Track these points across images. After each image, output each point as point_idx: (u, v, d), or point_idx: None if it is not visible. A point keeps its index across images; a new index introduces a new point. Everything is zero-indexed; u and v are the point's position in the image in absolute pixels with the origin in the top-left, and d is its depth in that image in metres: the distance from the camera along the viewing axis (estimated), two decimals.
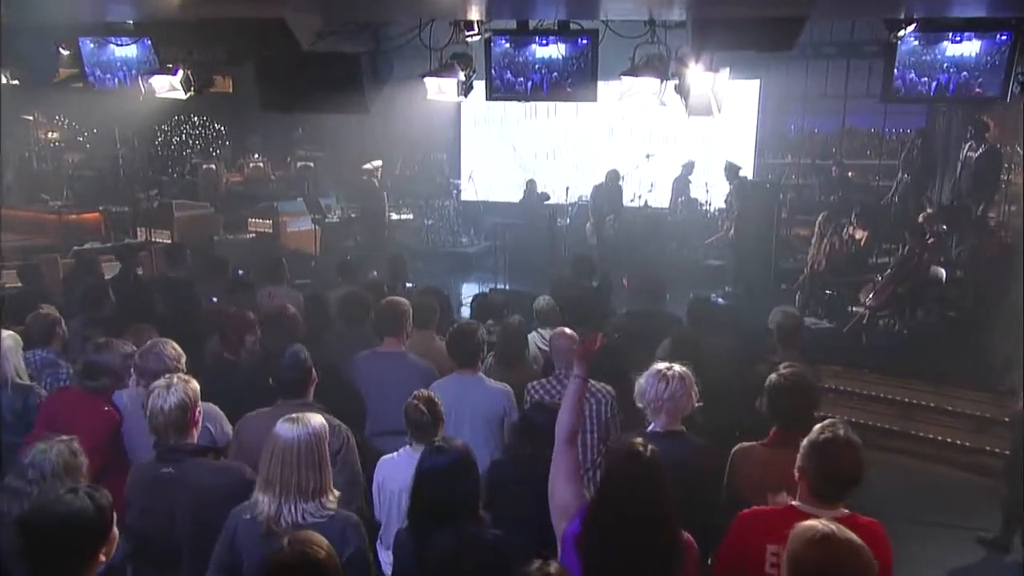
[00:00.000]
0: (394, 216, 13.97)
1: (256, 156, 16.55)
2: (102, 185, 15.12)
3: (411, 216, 15.25)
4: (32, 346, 5.35)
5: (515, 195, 16.03)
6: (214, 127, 17.48)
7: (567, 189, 15.04)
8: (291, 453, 3.11)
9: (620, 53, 6.74)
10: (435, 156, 17.33)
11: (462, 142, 17.05)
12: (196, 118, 17.30)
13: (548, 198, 15.07)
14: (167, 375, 3.69)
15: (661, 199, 15.07)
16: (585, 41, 6.32)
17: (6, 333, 4.78)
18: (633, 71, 6.42)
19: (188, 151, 17.21)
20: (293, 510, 3.09)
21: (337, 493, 3.22)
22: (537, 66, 6.50)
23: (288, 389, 4.21)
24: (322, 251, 13.47)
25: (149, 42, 7.04)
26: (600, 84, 6.64)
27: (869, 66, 14.59)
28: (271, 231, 13.44)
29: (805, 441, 3.19)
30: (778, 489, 3.38)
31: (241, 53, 6.80)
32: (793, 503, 3.19)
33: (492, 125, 16.53)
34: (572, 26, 6.50)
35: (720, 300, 11.99)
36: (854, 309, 10.65)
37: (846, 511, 3.11)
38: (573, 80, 6.39)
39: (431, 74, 6.78)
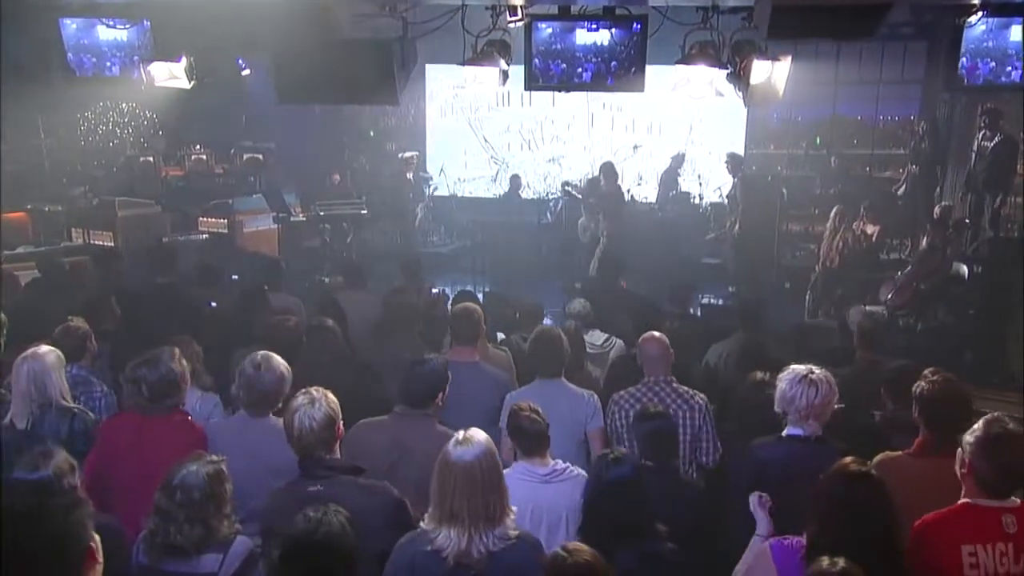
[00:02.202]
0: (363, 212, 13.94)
1: (198, 148, 16.33)
2: (26, 180, 14.72)
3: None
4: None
5: (485, 189, 16.23)
6: (145, 114, 17.14)
7: (563, 185, 15.23)
8: (474, 479, 3.20)
9: (658, 39, 6.96)
10: (389, 146, 17.48)
11: (427, 133, 17.12)
12: (124, 104, 16.96)
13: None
14: (305, 389, 3.77)
15: (647, 193, 15.43)
16: (638, 27, 6.51)
17: (46, 348, 4.76)
18: (687, 59, 6.65)
19: (115, 141, 16.87)
20: (485, 538, 3.18)
21: (515, 509, 3.34)
22: (581, 53, 6.68)
23: (415, 399, 4.33)
24: (284, 253, 13.41)
25: (148, 24, 6.99)
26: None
27: (860, 52, 15.23)
28: (226, 231, 13.25)
29: (971, 437, 3.41)
30: (930, 502, 3.58)
31: (258, 38, 6.79)
32: (966, 500, 3.42)
33: (461, 114, 16.66)
34: (618, 11, 6.70)
35: (719, 301, 12.35)
36: (868, 308, 11.08)
37: (1017, 500, 3.38)
38: (622, 68, 6.57)
39: (469, 62, 6.90)
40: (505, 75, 7.12)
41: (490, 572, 3.19)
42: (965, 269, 10.55)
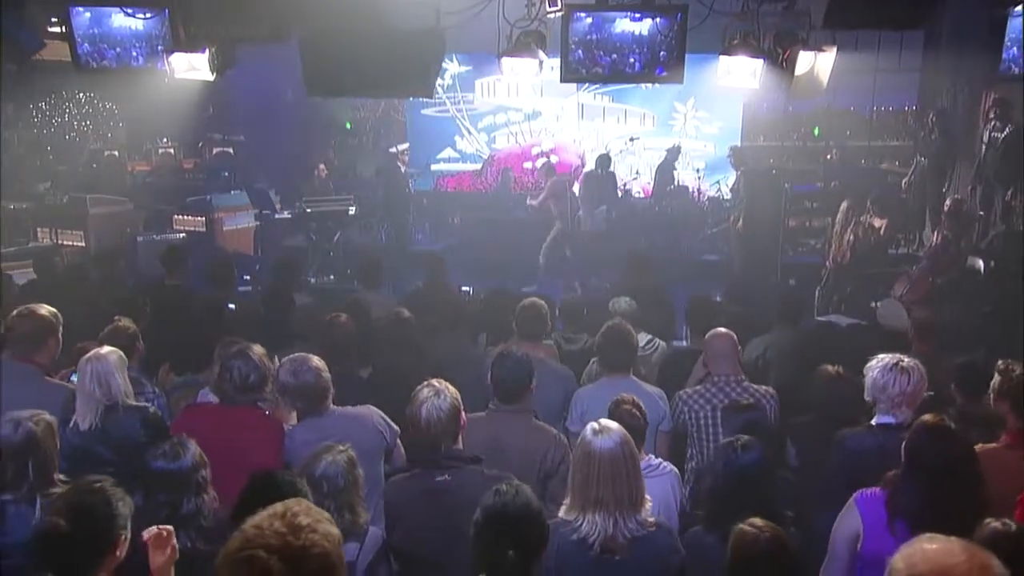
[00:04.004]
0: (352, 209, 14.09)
1: (164, 141, 16.34)
2: None
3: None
4: None
5: (471, 184, 16.44)
6: (104, 105, 17.09)
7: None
8: (618, 466, 3.47)
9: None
10: (366, 139, 17.63)
11: (408, 125, 17.30)
12: (81, 94, 16.89)
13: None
14: (428, 382, 4.02)
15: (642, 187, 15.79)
16: (679, 17, 6.77)
17: (108, 349, 4.90)
18: (729, 50, 6.95)
19: (73, 134, 16.80)
20: (629, 524, 3.47)
21: (650, 499, 3.59)
22: (620, 44, 6.91)
23: (509, 394, 4.55)
24: (262, 252, 13.49)
25: (168, 13, 7.09)
26: None
27: (856, 40, 15.65)
28: (204, 229, 13.27)
29: None
30: None
31: (287, 28, 6.95)
32: None
33: (443, 106, 16.81)
34: (657, 1, 6.96)
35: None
36: (878, 304, 11.46)
37: None
38: (670, 58, 6.82)
39: (508, 54, 7.12)
40: (541, 66, 7.34)
41: (633, 558, 3.47)
42: (980, 263, 10.93)
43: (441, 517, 3.75)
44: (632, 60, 6.68)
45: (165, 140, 16.43)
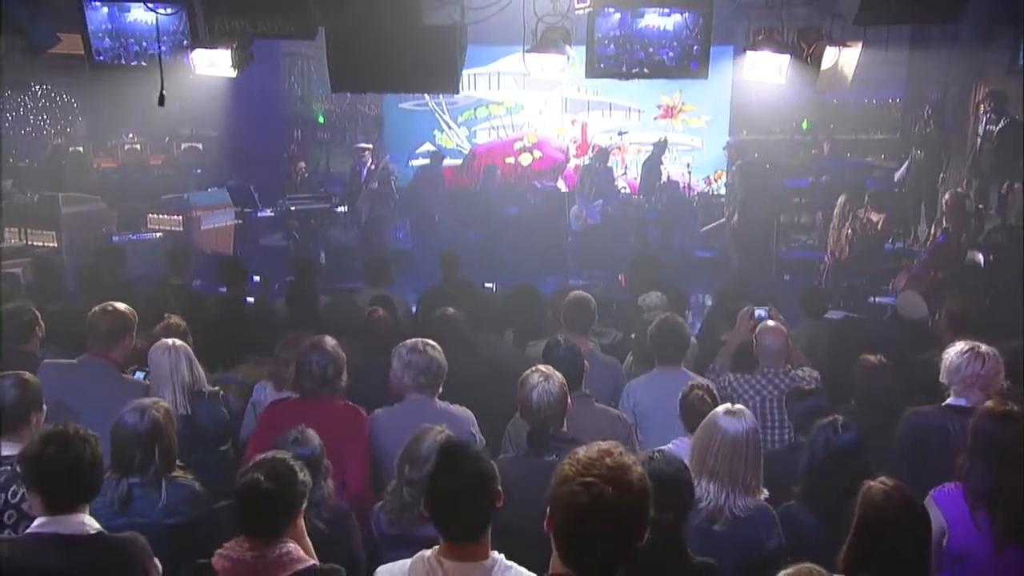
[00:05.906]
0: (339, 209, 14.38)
1: (131, 136, 16.45)
2: None
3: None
4: None
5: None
6: (62, 97, 17.12)
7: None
8: (739, 450, 3.90)
9: None
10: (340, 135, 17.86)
11: (384, 119, 17.59)
12: (37, 87, 16.89)
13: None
14: (536, 367, 4.44)
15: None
16: (706, 12, 7.17)
17: (180, 342, 5.22)
18: (755, 46, 7.39)
19: (28, 128, 16.82)
20: (736, 502, 3.89)
21: (766, 491, 4.02)
22: (649, 39, 7.30)
23: (569, 382, 4.84)
24: (243, 251, 13.70)
25: (191, 7, 7.33)
26: None
27: (842, 30, 16.17)
28: (181, 228, 13.51)
29: None
30: None
31: (313, 23, 7.24)
32: None
33: (422, 99, 17.07)
34: None
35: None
36: (877, 300, 12.00)
37: None
38: (695, 53, 7.21)
39: (533, 50, 7.48)
40: (569, 61, 7.71)
41: (729, 533, 3.89)
42: (981, 257, 11.45)
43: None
44: (671, 54, 7.05)
45: (131, 135, 16.52)
